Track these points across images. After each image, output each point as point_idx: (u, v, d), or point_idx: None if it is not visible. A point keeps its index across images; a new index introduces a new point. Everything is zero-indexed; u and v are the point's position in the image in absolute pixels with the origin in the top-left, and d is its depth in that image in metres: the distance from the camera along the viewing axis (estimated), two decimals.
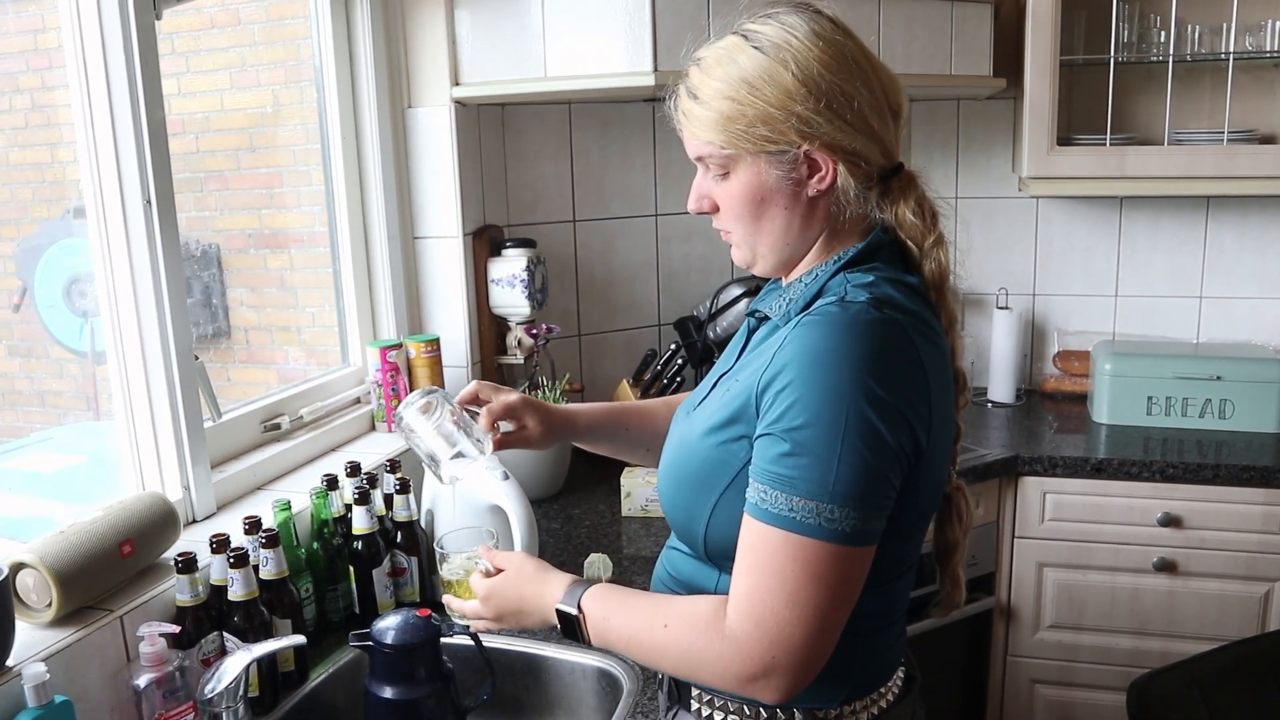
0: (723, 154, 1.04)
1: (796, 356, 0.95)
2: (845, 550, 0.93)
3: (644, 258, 2.55)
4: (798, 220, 1.05)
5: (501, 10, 2.04)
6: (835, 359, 0.94)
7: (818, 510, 0.92)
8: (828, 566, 0.93)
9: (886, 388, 0.94)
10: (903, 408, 0.95)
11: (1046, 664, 2.37)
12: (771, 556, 0.94)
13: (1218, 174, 2.36)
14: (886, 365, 0.95)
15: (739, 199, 1.05)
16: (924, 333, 1.01)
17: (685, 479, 1.08)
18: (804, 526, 0.92)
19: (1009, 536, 2.34)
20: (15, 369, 2.06)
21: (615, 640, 1.07)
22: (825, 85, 0.99)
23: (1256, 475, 2.17)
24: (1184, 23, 2.43)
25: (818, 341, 0.95)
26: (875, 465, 0.93)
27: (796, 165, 1.02)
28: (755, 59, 1.00)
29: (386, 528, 1.63)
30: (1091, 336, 2.76)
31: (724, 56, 1.03)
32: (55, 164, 1.90)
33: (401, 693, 1.30)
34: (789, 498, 0.93)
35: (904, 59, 2.21)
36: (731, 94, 1.01)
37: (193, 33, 2.04)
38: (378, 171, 2.09)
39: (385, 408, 2.04)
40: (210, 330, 2.17)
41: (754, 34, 1.02)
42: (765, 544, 0.95)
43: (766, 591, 0.94)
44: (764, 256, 1.09)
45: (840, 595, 0.95)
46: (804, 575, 0.93)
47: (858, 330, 0.95)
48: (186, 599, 1.30)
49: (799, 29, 1.01)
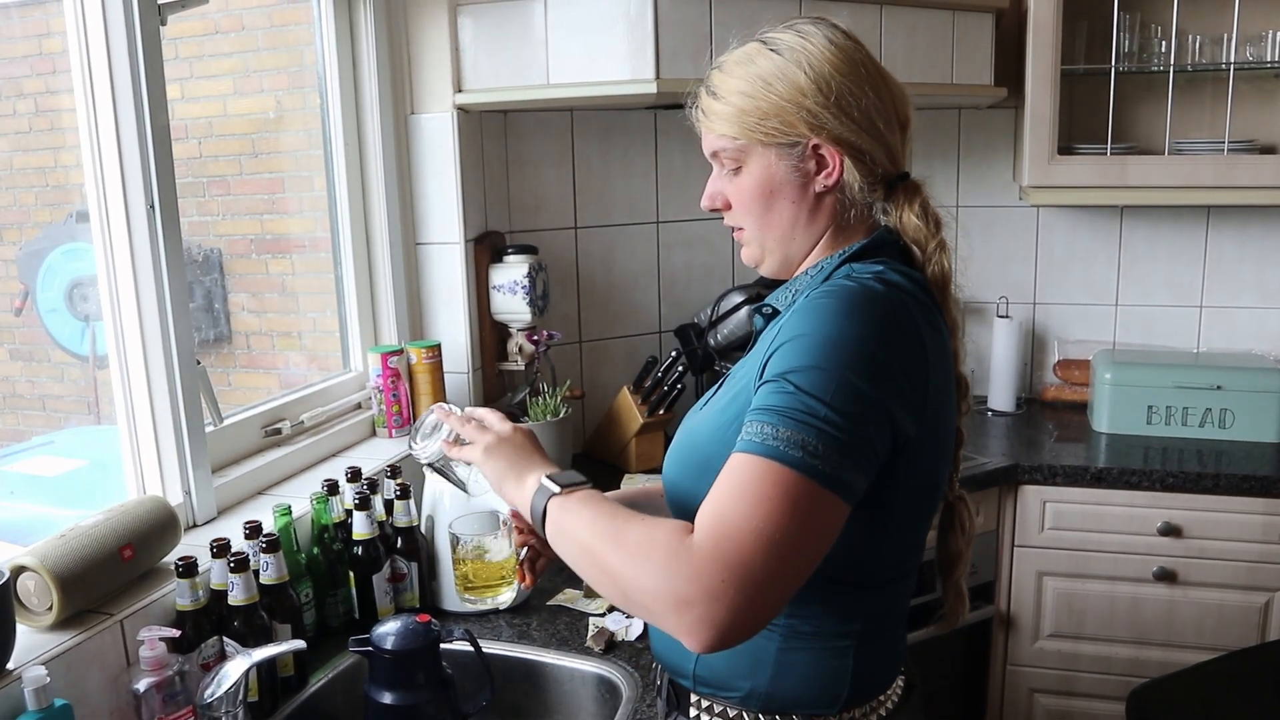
0: (736, 146, 1.09)
1: (801, 316, 0.98)
2: (820, 489, 0.91)
3: (645, 265, 2.55)
4: (805, 214, 1.10)
5: (505, 17, 2.05)
6: (838, 317, 0.97)
7: (802, 444, 0.91)
8: (802, 499, 0.90)
9: (883, 349, 0.96)
10: (895, 375, 0.96)
11: (1046, 673, 2.37)
12: (747, 481, 0.91)
13: (1218, 184, 2.36)
14: (887, 332, 0.97)
15: (749, 192, 1.10)
16: (928, 318, 1.03)
17: (691, 464, 1.09)
18: (784, 456, 0.91)
19: (1009, 545, 2.34)
20: (17, 373, 2.07)
21: (574, 540, 1.00)
22: (835, 85, 1.05)
23: (1256, 485, 2.17)
24: (1185, 33, 2.44)
25: (824, 305, 0.98)
26: (860, 416, 0.93)
27: (805, 159, 1.07)
28: (772, 60, 1.07)
29: (387, 533, 1.63)
30: (1092, 345, 2.76)
31: (743, 59, 1.10)
32: (59, 168, 1.91)
33: (401, 698, 1.31)
34: (774, 429, 0.92)
35: (905, 68, 2.22)
36: (748, 90, 1.07)
37: (197, 38, 2.05)
38: (380, 177, 2.10)
39: (386, 413, 2.05)
40: (212, 335, 2.17)
41: (773, 40, 1.09)
42: (743, 469, 0.92)
43: (734, 512, 0.90)
44: (771, 251, 1.13)
45: (806, 537, 0.91)
46: (774, 503, 0.89)
47: (864, 298, 0.98)
48: (187, 603, 1.30)
49: (815, 36, 1.07)
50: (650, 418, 2.29)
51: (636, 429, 2.29)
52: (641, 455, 2.30)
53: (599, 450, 2.42)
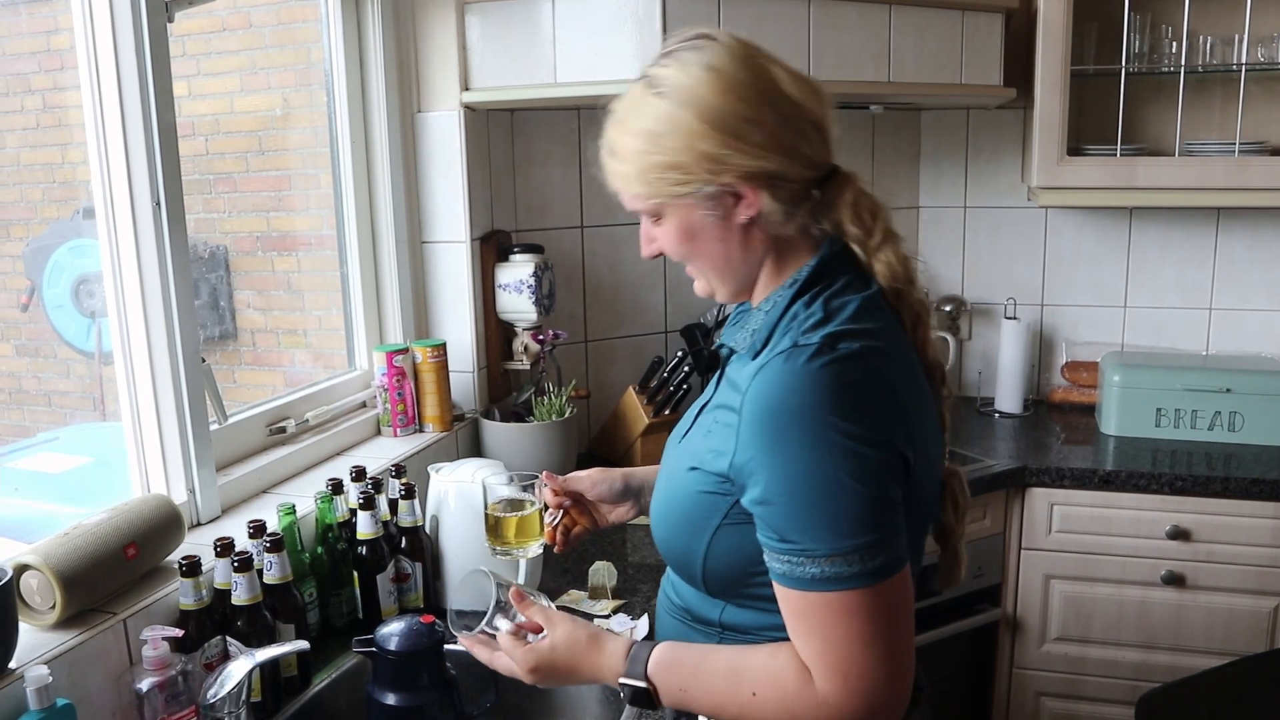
0: (650, 203, 1.06)
1: (757, 420, 0.96)
2: (885, 584, 0.95)
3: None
4: (736, 248, 1.06)
5: (512, 16, 2.04)
6: (795, 416, 0.94)
7: (847, 562, 0.93)
8: (879, 605, 0.94)
9: (856, 422, 0.94)
10: (879, 436, 0.95)
11: (1052, 676, 2.36)
12: (825, 617, 0.95)
13: (1229, 185, 2.35)
14: (851, 402, 0.95)
15: (673, 240, 1.07)
16: (887, 353, 1.01)
17: (678, 521, 1.09)
18: (840, 582, 0.94)
19: (1016, 548, 2.33)
20: (23, 369, 2.06)
21: (698, 709, 1.06)
22: (726, 117, 0.99)
23: (1266, 489, 2.15)
24: (1195, 34, 2.43)
25: (775, 400, 0.96)
26: (874, 494, 0.94)
27: (719, 199, 1.03)
28: (656, 107, 1.02)
29: (391, 533, 1.62)
30: (1100, 347, 2.75)
31: (630, 109, 1.05)
32: (65, 164, 1.91)
33: (404, 699, 1.30)
34: (814, 561, 0.94)
35: (914, 68, 2.21)
36: (641, 147, 1.03)
37: (204, 35, 2.05)
38: (386, 175, 2.09)
39: (391, 412, 2.04)
40: (217, 332, 2.17)
41: (656, 79, 1.03)
42: (813, 609, 0.96)
43: (838, 649, 0.95)
44: (718, 286, 1.12)
45: (900, 619, 0.97)
46: (863, 623, 0.94)
47: (811, 379, 0.95)
48: (190, 602, 1.30)
49: (694, 66, 1.01)
50: (656, 418, 2.29)
51: (642, 429, 2.29)
52: (647, 455, 2.30)
53: (604, 450, 2.41)
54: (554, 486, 1.31)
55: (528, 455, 2.08)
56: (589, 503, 1.34)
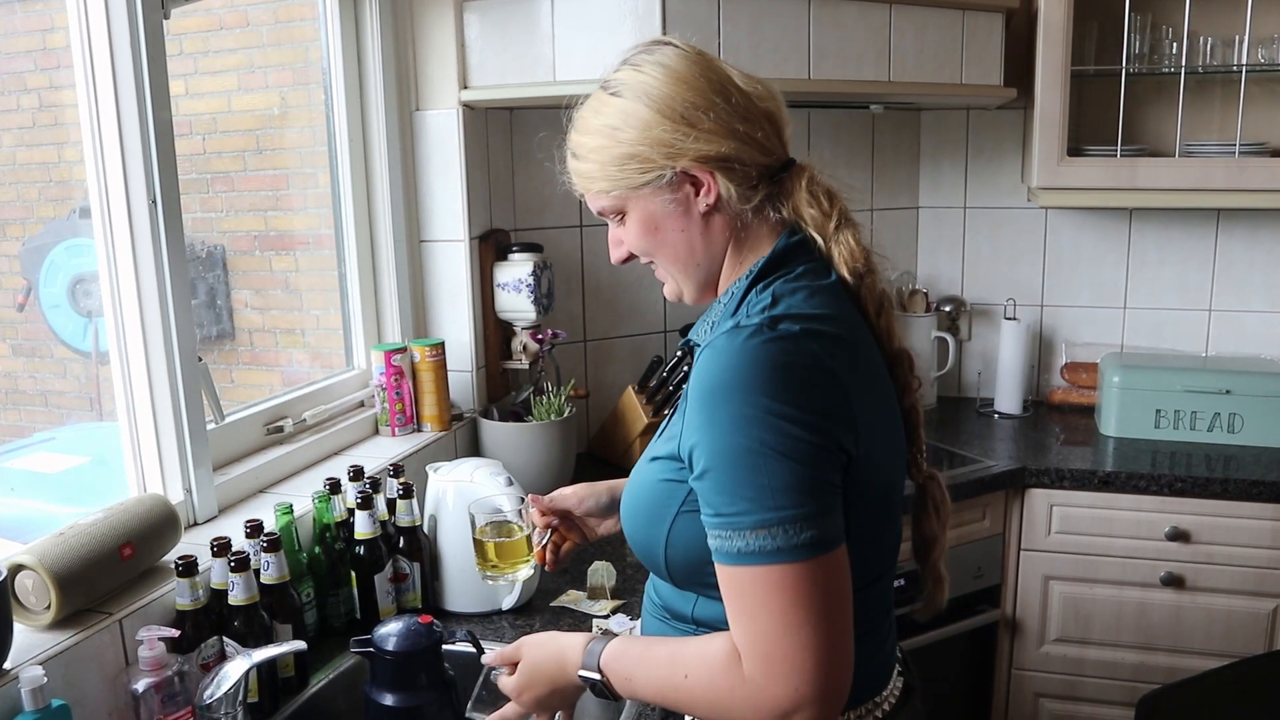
0: (613, 199, 1.10)
1: (696, 398, 0.98)
2: (815, 562, 0.93)
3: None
4: (697, 238, 1.10)
5: (511, 14, 2.04)
6: (729, 391, 0.95)
7: (771, 535, 0.92)
8: (807, 584, 0.93)
9: (785, 401, 0.94)
10: (814, 417, 0.94)
11: (1051, 678, 2.36)
12: (752, 594, 0.94)
13: (1229, 186, 2.34)
14: (785, 381, 0.95)
15: (637, 234, 1.11)
16: (834, 338, 1.00)
17: (639, 511, 1.10)
18: (766, 556, 0.93)
19: (1015, 549, 2.32)
20: (19, 368, 2.06)
21: (645, 697, 1.08)
22: (678, 104, 1.04)
23: (1266, 490, 2.15)
24: (1196, 35, 2.43)
25: (711, 376, 0.97)
26: (806, 471, 0.93)
27: (678, 186, 1.07)
28: (613, 104, 1.08)
29: (389, 533, 1.62)
30: (1100, 348, 2.74)
31: (591, 112, 1.11)
32: (62, 163, 1.90)
33: (402, 699, 1.30)
34: (740, 534, 0.93)
35: (915, 67, 2.21)
36: (600, 143, 1.08)
37: (201, 34, 2.04)
38: (384, 174, 2.09)
39: (389, 412, 2.03)
40: (214, 332, 2.16)
41: (612, 83, 1.09)
42: (741, 584, 0.95)
43: (762, 629, 0.93)
44: (684, 283, 1.14)
45: (832, 605, 0.94)
46: (788, 601, 0.92)
47: (747, 356, 0.96)
48: (186, 603, 1.29)
49: (648, 65, 1.07)
50: (655, 417, 2.28)
51: (641, 429, 2.28)
52: None
53: (603, 450, 2.41)
54: (540, 507, 1.32)
55: (526, 455, 2.07)
56: (577, 518, 1.35)
